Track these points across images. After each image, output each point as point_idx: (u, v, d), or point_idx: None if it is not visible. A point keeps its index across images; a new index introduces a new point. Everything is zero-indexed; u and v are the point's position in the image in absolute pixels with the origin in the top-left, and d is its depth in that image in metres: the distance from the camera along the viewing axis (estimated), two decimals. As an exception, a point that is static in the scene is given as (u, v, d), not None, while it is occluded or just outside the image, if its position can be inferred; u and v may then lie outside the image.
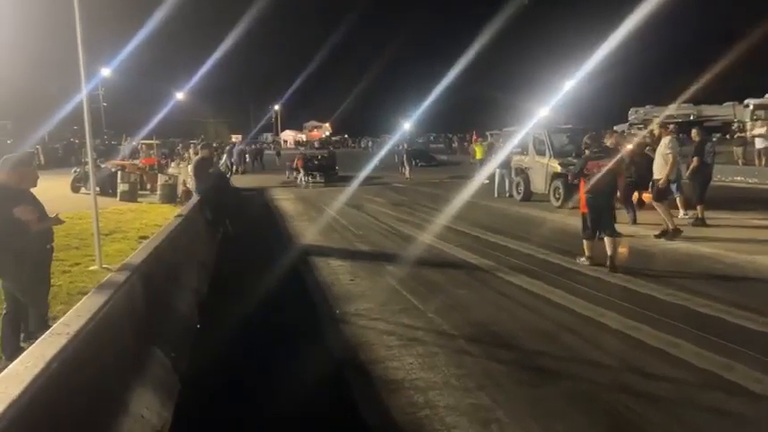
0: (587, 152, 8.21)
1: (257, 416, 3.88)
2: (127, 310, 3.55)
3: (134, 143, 31.55)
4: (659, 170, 9.53)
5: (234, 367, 4.68)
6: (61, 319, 2.86)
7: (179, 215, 7.66)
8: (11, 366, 2.22)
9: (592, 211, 7.98)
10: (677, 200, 11.21)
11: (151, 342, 3.99)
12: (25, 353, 2.39)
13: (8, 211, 4.60)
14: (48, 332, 2.64)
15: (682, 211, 11.19)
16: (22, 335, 4.93)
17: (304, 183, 24.31)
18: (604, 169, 7.79)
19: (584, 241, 8.12)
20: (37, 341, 2.55)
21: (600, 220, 7.89)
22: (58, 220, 5.15)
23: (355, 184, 22.22)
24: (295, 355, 4.95)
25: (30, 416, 2.00)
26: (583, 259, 8.09)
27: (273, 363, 4.77)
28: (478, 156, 24.24)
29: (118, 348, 3.23)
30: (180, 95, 52.35)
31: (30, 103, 37.17)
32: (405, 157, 27.72)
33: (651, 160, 10.25)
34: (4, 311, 4.95)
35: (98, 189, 17.28)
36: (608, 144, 10.49)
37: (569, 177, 9.76)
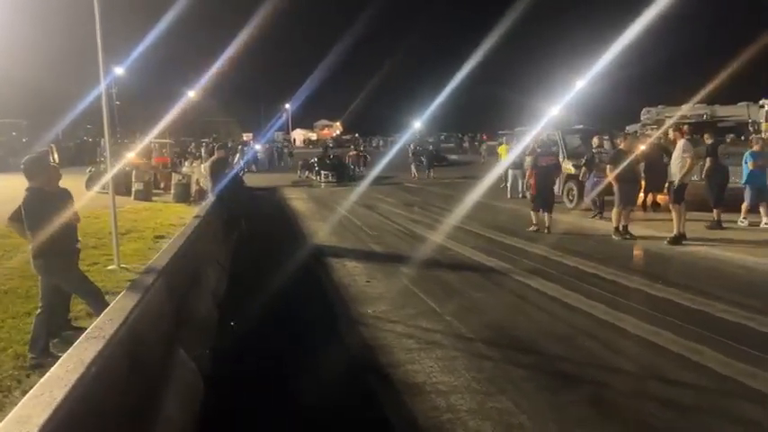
0: (539, 150, 11.60)
1: (280, 418, 3.91)
2: (155, 314, 3.59)
3: (146, 141, 31.66)
4: (677, 173, 9.46)
5: (256, 369, 4.72)
6: (95, 323, 2.90)
7: (197, 216, 7.71)
8: (52, 370, 2.26)
9: (539, 193, 10.96)
10: (743, 205, 10.79)
11: (176, 344, 4.03)
12: (64, 356, 2.43)
13: (55, 215, 4.86)
14: (83, 336, 2.68)
15: (741, 216, 10.81)
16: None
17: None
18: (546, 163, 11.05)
19: (532, 213, 11.13)
20: (73, 345, 2.59)
21: (544, 199, 10.93)
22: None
23: (367, 183, 22.28)
24: (316, 359, 4.98)
25: (73, 419, 2.04)
26: (531, 228, 11.05)
27: (295, 366, 4.81)
28: (503, 158, 23.87)
29: (147, 350, 3.26)
30: (192, 94, 52.54)
31: (44, 101, 37.50)
32: (415, 158, 27.69)
33: (665, 164, 10.20)
34: (39, 310, 5.09)
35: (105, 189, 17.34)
36: (621, 147, 10.53)
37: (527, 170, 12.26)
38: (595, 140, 11.39)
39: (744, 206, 10.83)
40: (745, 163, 10.84)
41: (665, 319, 5.60)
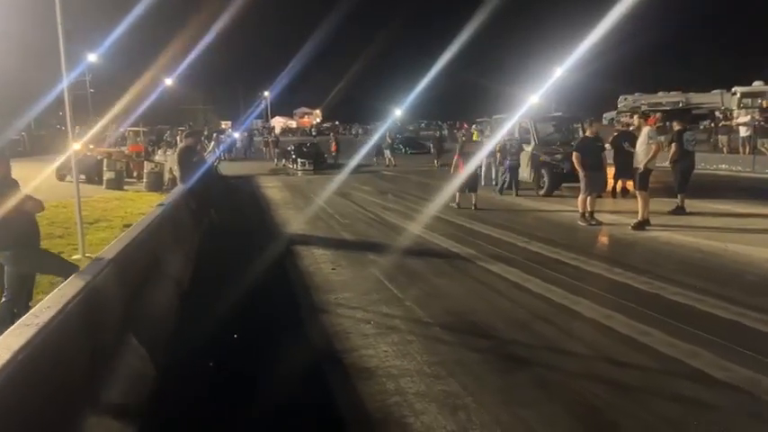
0: (464, 139, 14.04)
1: (233, 404, 3.94)
2: (101, 302, 3.58)
3: (120, 130, 31.34)
4: (641, 160, 9.61)
5: (212, 356, 4.73)
6: (31, 310, 2.90)
7: (160, 204, 7.67)
8: (-24, 358, 2.25)
9: (465, 174, 12.34)
10: None
11: (128, 332, 4.03)
12: (-6, 344, 2.43)
13: (14, 206, 4.81)
14: (17, 323, 2.68)
15: None
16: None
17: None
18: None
19: (457, 193, 12.62)
20: (5, 333, 2.59)
21: (468, 181, 12.41)
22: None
23: (345, 171, 22.26)
24: (273, 345, 5.01)
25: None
26: (454, 204, 12.53)
27: (251, 352, 4.83)
28: None
29: (90, 339, 3.26)
30: (168, 82, 51.75)
31: (15, 89, 36.70)
32: (391, 145, 27.91)
33: (634, 151, 10.32)
34: (4, 298, 5.05)
35: (83, 177, 17.17)
36: (588, 133, 10.67)
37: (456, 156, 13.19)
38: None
39: None
40: None
41: (619, 303, 5.72)
